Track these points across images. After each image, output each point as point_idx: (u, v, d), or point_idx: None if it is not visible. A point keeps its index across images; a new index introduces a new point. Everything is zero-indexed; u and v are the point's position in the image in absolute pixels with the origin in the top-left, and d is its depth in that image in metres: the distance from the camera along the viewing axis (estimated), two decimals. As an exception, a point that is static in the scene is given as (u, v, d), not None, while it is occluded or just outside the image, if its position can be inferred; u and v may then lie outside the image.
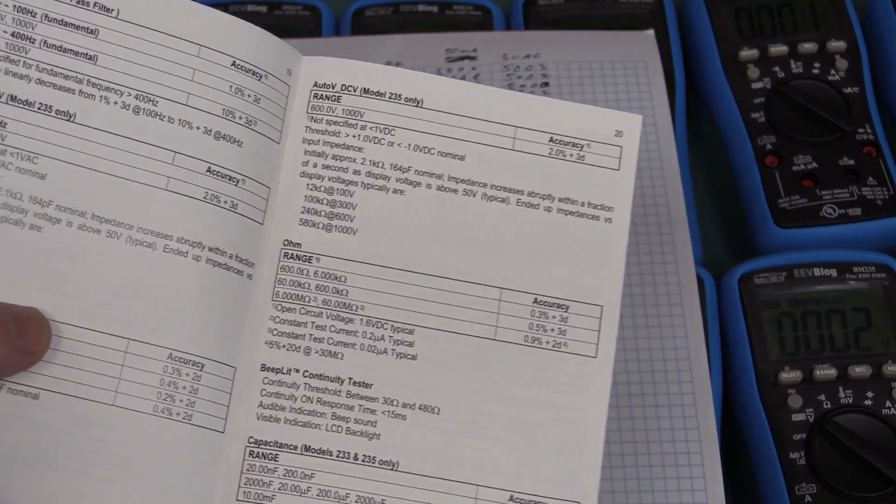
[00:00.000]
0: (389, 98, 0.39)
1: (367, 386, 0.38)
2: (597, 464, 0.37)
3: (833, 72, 0.54)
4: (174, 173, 0.37)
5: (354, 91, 0.39)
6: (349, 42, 0.57)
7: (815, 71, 0.54)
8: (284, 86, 0.39)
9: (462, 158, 0.39)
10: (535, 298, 0.38)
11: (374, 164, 0.39)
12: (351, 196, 0.39)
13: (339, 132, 0.39)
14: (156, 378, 0.36)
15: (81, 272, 0.36)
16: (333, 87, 0.40)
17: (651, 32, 0.56)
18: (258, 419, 0.37)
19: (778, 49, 0.55)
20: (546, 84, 0.54)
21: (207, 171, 0.37)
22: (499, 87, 0.54)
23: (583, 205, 0.39)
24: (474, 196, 0.39)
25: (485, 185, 0.39)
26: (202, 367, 0.36)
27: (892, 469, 0.44)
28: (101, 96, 0.37)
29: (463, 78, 0.55)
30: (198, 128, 0.38)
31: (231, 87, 0.38)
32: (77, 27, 0.37)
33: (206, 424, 0.36)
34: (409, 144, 0.39)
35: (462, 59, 0.55)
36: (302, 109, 0.40)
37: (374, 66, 0.40)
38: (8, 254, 0.35)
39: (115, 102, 0.37)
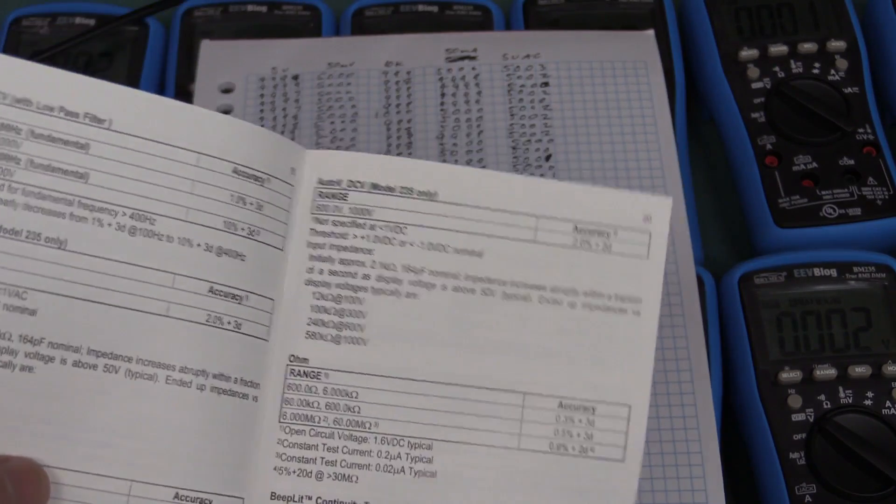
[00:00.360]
0: (400, 193, 0.37)
1: None
2: None
3: (833, 72, 0.54)
4: (174, 297, 0.35)
5: (362, 187, 0.37)
6: (349, 42, 0.57)
7: (815, 71, 0.54)
8: (288, 187, 0.37)
9: (480, 255, 0.37)
10: (561, 402, 0.36)
11: (384, 266, 0.36)
12: (360, 304, 0.36)
13: (346, 234, 0.37)
14: None
15: (78, 413, 0.33)
16: (339, 184, 0.37)
17: (651, 32, 0.56)
18: None
19: (778, 49, 0.55)
20: (546, 84, 0.54)
21: (209, 291, 0.35)
22: (499, 87, 0.54)
23: (609, 298, 0.37)
24: (493, 295, 0.36)
25: (504, 283, 0.37)
26: (210, 503, 0.34)
27: (892, 469, 0.44)
28: (93, 218, 0.34)
29: (463, 78, 0.55)
30: (198, 245, 0.35)
31: (232, 196, 0.36)
32: (66, 142, 0.34)
33: None
34: (423, 243, 0.37)
35: (462, 59, 0.55)
36: (306, 210, 0.37)
37: (383, 159, 0.38)
38: None
39: (110, 224, 0.34)
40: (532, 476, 0.36)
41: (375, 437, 0.36)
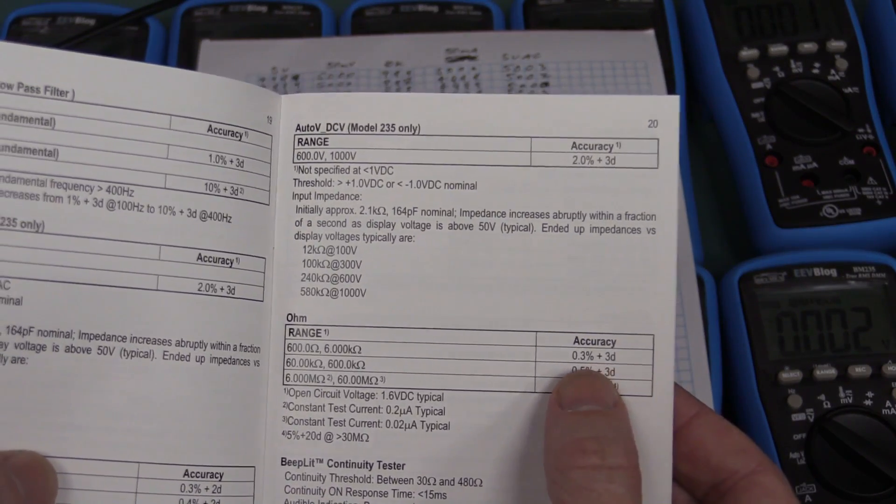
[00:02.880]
0: (382, 130, 0.34)
1: (399, 467, 0.34)
2: None
3: (833, 72, 0.54)
4: (163, 269, 0.33)
5: (342, 129, 0.35)
6: (349, 42, 0.57)
7: (815, 71, 0.54)
8: (266, 137, 0.35)
9: (473, 187, 0.34)
10: (577, 338, 0.34)
11: (374, 211, 0.34)
12: (353, 253, 0.34)
13: (330, 181, 0.35)
14: (174, 500, 0.33)
15: (76, 399, 0.32)
16: (318, 128, 0.35)
17: (651, 32, 0.56)
18: None
19: (778, 49, 0.55)
20: (546, 84, 0.54)
21: (198, 258, 0.34)
22: (499, 87, 0.54)
23: (619, 217, 0.34)
24: (492, 229, 0.34)
25: (503, 214, 0.34)
26: (221, 476, 0.33)
27: (892, 469, 0.44)
28: (69, 197, 0.33)
29: (463, 78, 0.55)
30: (181, 211, 0.33)
31: (211, 155, 0.34)
32: (30, 119, 0.32)
33: None
34: (411, 181, 0.34)
35: (462, 59, 0.55)
36: (288, 159, 0.35)
37: (360, 97, 0.35)
38: None
39: (86, 201, 0.33)
40: None
41: (383, 392, 0.34)
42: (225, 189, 0.34)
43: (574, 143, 0.34)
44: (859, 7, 0.57)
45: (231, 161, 0.34)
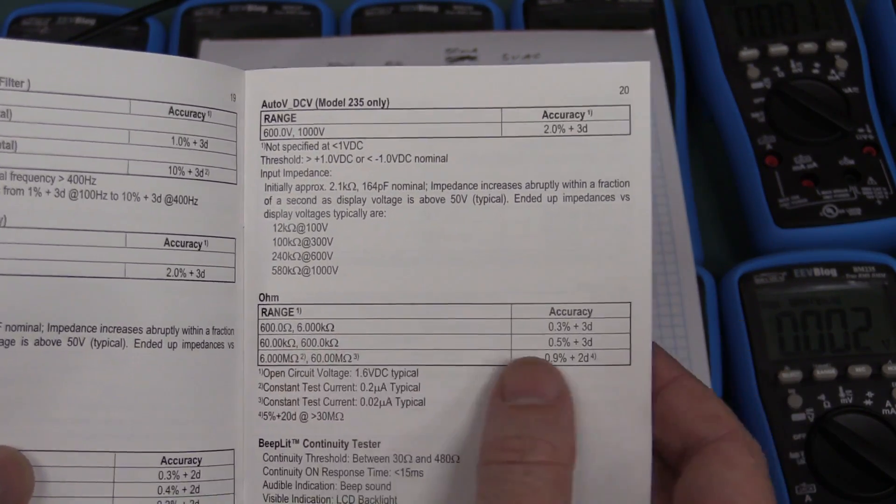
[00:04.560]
0: (350, 105, 0.34)
1: (375, 445, 0.33)
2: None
3: (833, 72, 0.54)
4: (129, 257, 0.33)
5: (309, 104, 0.34)
6: (349, 42, 0.57)
7: (815, 71, 0.54)
8: (231, 115, 0.34)
9: (444, 159, 0.34)
10: (552, 308, 0.33)
11: (344, 186, 0.34)
12: (324, 230, 0.34)
13: (299, 157, 0.34)
14: (152, 487, 0.33)
15: (49, 392, 0.32)
16: (285, 105, 0.34)
17: (651, 32, 0.56)
18: (266, 502, 0.34)
19: (778, 49, 0.55)
20: (546, 84, 0.54)
21: (165, 243, 0.33)
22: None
23: (593, 185, 0.33)
24: (464, 201, 0.34)
25: (475, 186, 0.34)
26: (199, 461, 0.33)
27: (892, 469, 0.44)
28: (29, 188, 0.32)
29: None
30: (145, 197, 0.33)
31: (174, 138, 0.33)
32: None
33: None
34: (381, 156, 0.34)
35: (462, 59, 0.55)
36: (254, 136, 0.34)
37: (326, 71, 0.35)
38: None
39: (48, 192, 0.32)
40: None
41: (357, 370, 0.34)
42: (190, 171, 0.33)
43: (545, 111, 0.34)
44: (859, 7, 0.57)
45: (195, 142, 0.34)
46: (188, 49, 0.57)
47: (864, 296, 0.49)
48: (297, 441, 0.34)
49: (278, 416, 0.34)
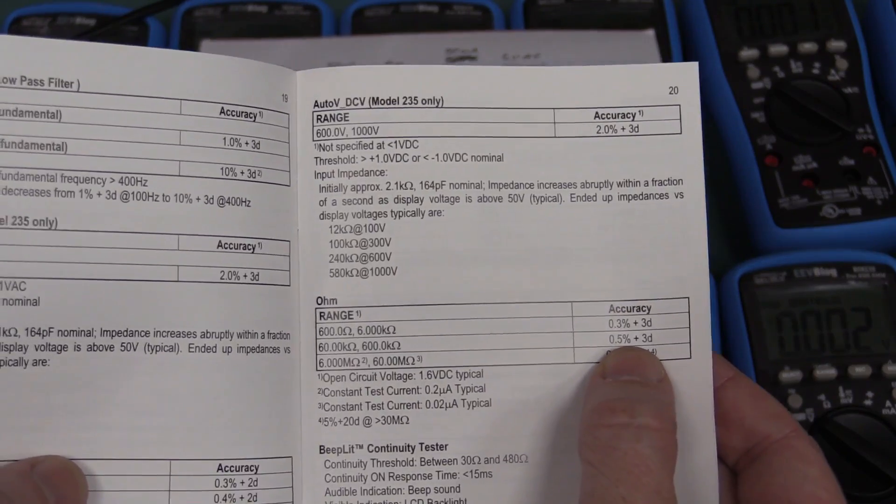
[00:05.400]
0: (404, 104, 0.34)
1: (442, 448, 0.33)
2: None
3: (833, 72, 0.54)
4: (182, 260, 0.32)
5: (362, 104, 0.34)
6: (349, 42, 0.57)
7: (815, 71, 0.54)
8: (283, 116, 0.34)
9: (500, 159, 0.34)
10: (612, 306, 0.33)
11: (400, 186, 0.33)
12: (382, 231, 0.33)
13: (353, 157, 0.34)
14: (209, 496, 0.32)
15: (102, 398, 0.31)
16: (337, 104, 0.34)
17: (651, 32, 0.56)
18: None
19: (778, 49, 0.55)
20: (546, 84, 0.54)
21: (219, 246, 0.33)
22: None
23: (646, 184, 0.34)
24: (521, 200, 0.34)
25: (531, 186, 0.34)
26: (257, 469, 0.32)
27: (893, 469, 0.44)
28: (80, 190, 0.32)
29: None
30: (198, 199, 0.33)
31: (225, 139, 0.33)
32: (35, 114, 0.32)
33: None
34: (438, 154, 0.34)
35: (462, 59, 0.55)
36: (307, 138, 0.34)
37: (379, 69, 0.34)
38: (16, 399, 0.31)
39: (99, 194, 0.32)
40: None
41: (421, 373, 0.33)
42: (242, 172, 0.33)
43: (597, 112, 0.34)
44: (859, 7, 0.57)
45: (247, 143, 0.33)
46: (188, 49, 0.57)
47: (864, 296, 0.49)
48: (360, 446, 0.33)
49: (340, 421, 0.33)
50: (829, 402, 0.47)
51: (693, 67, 0.35)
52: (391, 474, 0.33)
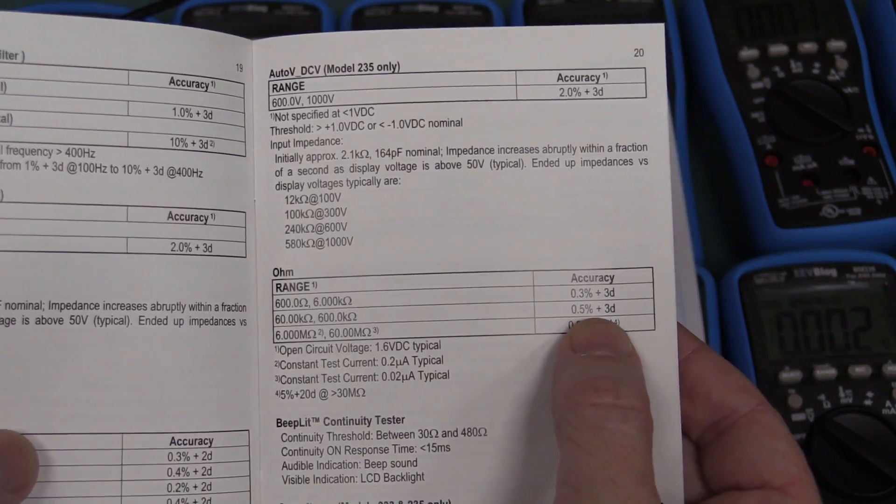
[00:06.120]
0: (360, 70, 0.33)
1: (399, 421, 0.33)
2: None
3: (833, 72, 0.54)
4: (131, 231, 0.32)
5: (317, 71, 0.33)
6: (349, 42, 0.57)
7: (815, 71, 0.54)
8: (237, 86, 0.33)
9: (459, 124, 0.33)
10: (574, 275, 0.32)
11: (356, 155, 0.33)
12: (338, 200, 0.33)
13: (309, 126, 0.33)
14: (162, 469, 0.32)
15: (51, 372, 0.31)
16: (293, 73, 0.33)
17: (651, 32, 0.56)
18: (285, 483, 0.33)
19: (778, 49, 0.55)
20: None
21: (169, 217, 0.32)
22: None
23: (610, 149, 0.33)
24: (481, 166, 0.33)
25: (491, 151, 0.33)
26: (211, 442, 0.32)
27: (893, 469, 0.44)
28: (26, 162, 0.31)
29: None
30: (146, 170, 0.32)
31: (175, 109, 0.32)
32: None
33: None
34: (394, 121, 0.33)
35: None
36: (263, 108, 0.33)
37: (335, 37, 0.34)
38: None
39: (45, 165, 0.31)
40: (553, 362, 0.32)
41: (377, 344, 0.32)
42: (193, 143, 0.32)
43: (560, 74, 0.33)
44: (859, 7, 0.57)
45: (198, 113, 0.33)
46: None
47: (864, 296, 0.49)
48: (317, 419, 0.33)
49: (297, 393, 0.33)
50: (829, 402, 0.47)
51: (659, 29, 0.33)
52: (347, 448, 0.33)
